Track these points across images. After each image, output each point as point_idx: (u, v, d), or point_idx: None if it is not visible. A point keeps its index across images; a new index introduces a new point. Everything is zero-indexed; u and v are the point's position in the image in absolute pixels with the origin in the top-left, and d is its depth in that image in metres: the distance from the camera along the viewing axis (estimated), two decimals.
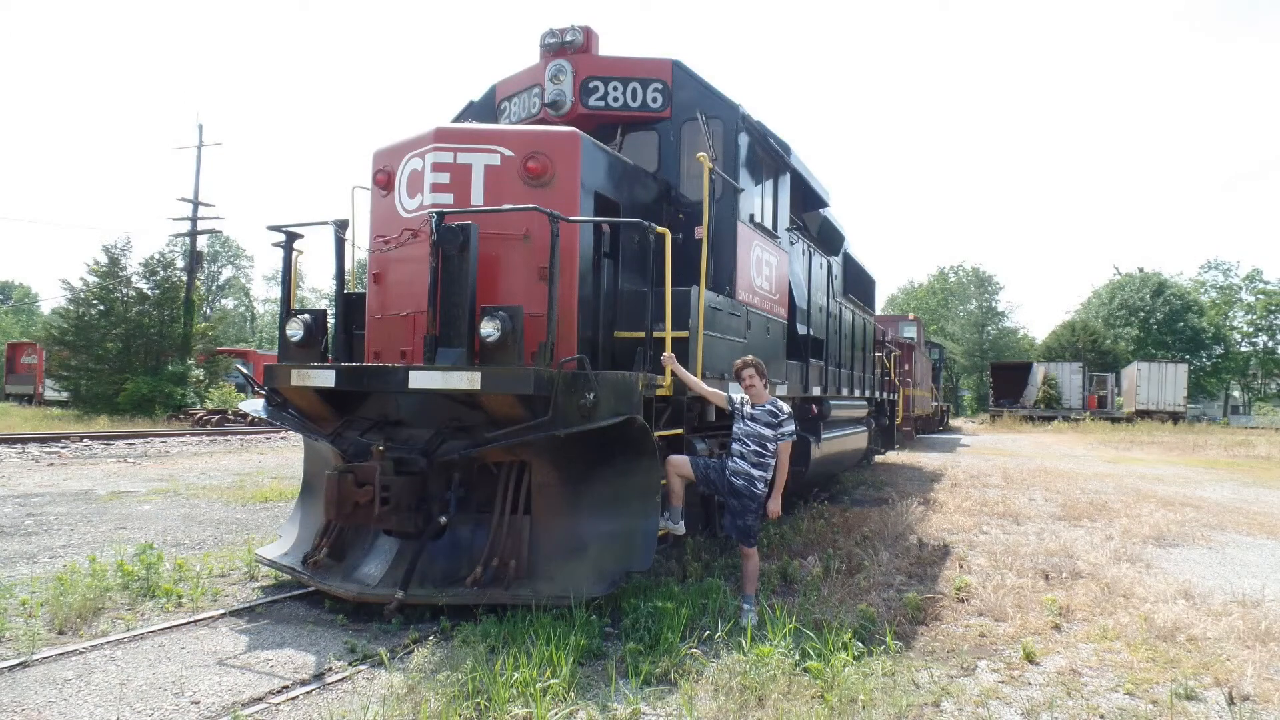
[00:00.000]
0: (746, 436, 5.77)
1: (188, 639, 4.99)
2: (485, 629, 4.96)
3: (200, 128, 32.13)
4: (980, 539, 8.92)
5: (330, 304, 7.53)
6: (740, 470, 5.75)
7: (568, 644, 4.57)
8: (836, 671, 4.43)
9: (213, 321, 37.24)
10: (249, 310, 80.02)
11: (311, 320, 6.46)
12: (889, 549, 7.91)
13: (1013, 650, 5.14)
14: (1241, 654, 5.09)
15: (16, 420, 25.61)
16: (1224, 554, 8.57)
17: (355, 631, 5.23)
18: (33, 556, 7.05)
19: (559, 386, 5.30)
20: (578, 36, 7.63)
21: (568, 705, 4.03)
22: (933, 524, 9.82)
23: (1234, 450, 26.37)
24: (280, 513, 9.45)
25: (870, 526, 9.06)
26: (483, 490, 5.76)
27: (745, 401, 5.87)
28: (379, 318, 6.53)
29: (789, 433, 5.76)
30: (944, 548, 8.28)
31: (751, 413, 5.80)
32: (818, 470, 10.27)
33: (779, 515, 6.00)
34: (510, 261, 6.00)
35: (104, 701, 4.02)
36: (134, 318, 29.23)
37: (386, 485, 5.35)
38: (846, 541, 8.17)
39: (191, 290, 31.48)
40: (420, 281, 5.92)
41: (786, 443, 5.77)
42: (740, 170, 7.56)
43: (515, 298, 5.79)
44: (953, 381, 59.69)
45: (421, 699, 4.01)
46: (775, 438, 5.73)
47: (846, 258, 13.22)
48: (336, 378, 5.84)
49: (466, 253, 5.57)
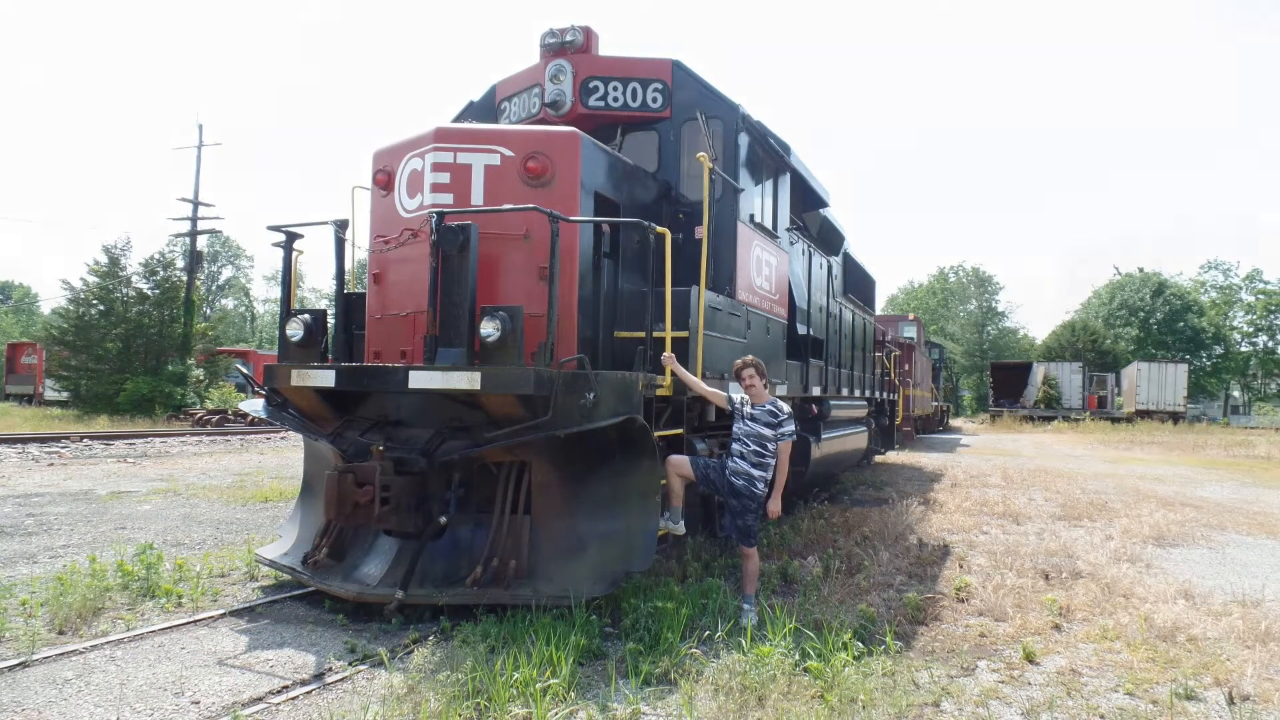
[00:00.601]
0: (746, 436, 5.77)
1: (188, 639, 4.99)
2: (485, 629, 4.96)
3: (200, 128, 32.19)
4: (980, 539, 8.92)
5: (330, 304, 7.53)
6: (740, 470, 5.75)
7: (568, 644, 4.57)
8: (836, 671, 4.43)
9: (213, 321, 37.24)
10: (249, 310, 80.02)
11: (311, 320, 6.46)
12: (889, 549, 7.91)
13: (1013, 650, 5.14)
14: (1241, 654, 5.09)
15: (16, 420, 25.60)
16: (1224, 554, 8.57)
17: (355, 631, 5.23)
18: (33, 556, 7.05)
19: (559, 386, 5.30)
20: (578, 37, 7.63)
21: (568, 705, 4.03)
22: (933, 524, 9.82)
23: (1234, 450, 26.38)
24: (280, 513, 9.46)
25: (870, 526, 9.06)
26: (483, 490, 5.76)
27: (745, 401, 5.87)
28: (379, 318, 6.53)
29: (789, 433, 5.76)
30: (944, 548, 8.28)
31: (751, 413, 5.80)
32: (818, 470, 10.27)
33: (779, 515, 6.00)
34: (510, 261, 6.00)
35: (104, 701, 4.02)
36: (134, 318, 29.24)
37: (386, 485, 5.34)
38: (846, 541, 8.17)
39: (191, 290, 31.49)
40: (420, 281, 5.92)
41: (786, 443, 5.77)
42: (740, 170, 7.56)
43: (515, 298, 5.79)
44: (953, 381, 59.65)
45: (421, 699, 4.01)
46: (775, 438, 5.73)
47: (846, 258, 13.22)
48: (336, 378, 5.84)
49: (466, 253, 5.57)
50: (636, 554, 5.46)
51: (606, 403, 5.47)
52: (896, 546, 8.14)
